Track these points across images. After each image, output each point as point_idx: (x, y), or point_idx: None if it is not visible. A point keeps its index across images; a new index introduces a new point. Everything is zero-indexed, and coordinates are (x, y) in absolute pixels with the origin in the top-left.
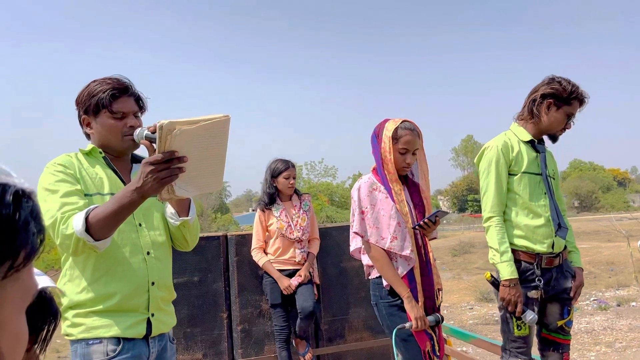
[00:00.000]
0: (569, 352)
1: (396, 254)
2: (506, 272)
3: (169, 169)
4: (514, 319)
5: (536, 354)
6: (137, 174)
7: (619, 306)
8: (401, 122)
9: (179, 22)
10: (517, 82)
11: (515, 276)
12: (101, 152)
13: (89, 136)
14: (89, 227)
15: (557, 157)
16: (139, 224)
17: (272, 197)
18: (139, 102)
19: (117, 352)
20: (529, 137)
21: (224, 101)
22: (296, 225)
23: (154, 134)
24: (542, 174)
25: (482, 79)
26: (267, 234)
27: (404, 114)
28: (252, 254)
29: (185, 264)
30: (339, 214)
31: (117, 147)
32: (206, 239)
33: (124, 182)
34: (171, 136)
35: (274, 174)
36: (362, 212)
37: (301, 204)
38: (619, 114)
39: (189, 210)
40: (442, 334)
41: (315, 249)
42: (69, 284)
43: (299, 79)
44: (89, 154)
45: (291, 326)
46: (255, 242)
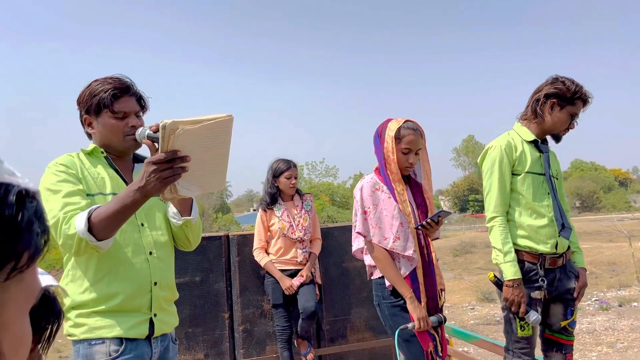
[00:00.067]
0: (572, 352)
1: (399, 254)
2: (509, 272)
3: (171, 169)
4: (517, 320)
5: (539, 354)
6: (139, 173)
7: (620, 306)
8: (404, 122)
9: (179, 22)
10: (518, 82)
11: (518, 276)
12: (103, 152)
13: (90, 136)
14: (91, 227)
15: (558, 157)
16: (142, 224)
17: (274, 197)
18: (141, 102)
19: (119, 352)
20: (532, 137)
21: (225, 101)
22: (298, 225)
23: (156, 133)
24: (546, 174)
25: (483, 79)
26: (268, 234)
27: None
28: (254, 254)
29: (186, 264)
30: (340, 214)
31: (119, 147)
32: (208, 239)
33: (126, 182)
34: (174, 136)
35: (276, 174)
36: (365, 212)
37: (303, 204)
38: (621, 114)
39: (191, 209)
40: (444, 334)
41: (317, 249)
42: (72, 284)
43: (300, 79)
44: (91, 154)
45: (293, 326)
46: (257, 242)
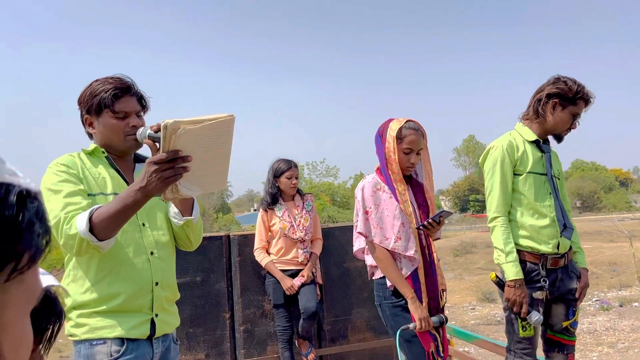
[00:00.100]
0: (573, 353)
1: (400, 254)
2: (511, 272)
3: (173, 169)
4: (519, 320)
5: (541, 355)
6: (140, 173)
7: (621, 307)
8: (405, 122)
9: (179, 22)
10: (518, 82)
11: (520, 277)
12: (104, 152)
13: (91, 136)
14: (92, 227)
15: (559, 157)
16: (143, 224)
17: (275, 197)
18: (142, 102)
19: (120, 352)
20: (534, 137)
21: (225, 101)
22: (299, 225)
23: (157, 133)
24: (547, 174)
25: (484, 79)
26: (269, 234)
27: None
28: (255, 254)
29: (187, 264)
30: (340, 214)
31: (120, 147)
32: (208, 239)
33: (127, 181)
34: (175, 135)
35: (277, 174)
36: (366, 212)
37: (304, 204)
38: (621, 114)
39: (192, 209)
40: (446, 334)
41: (318, 249)
42: (73, 284)
43: (300, 79)
44: (92, 154)
45: (294, 326)
46: (257, 242)
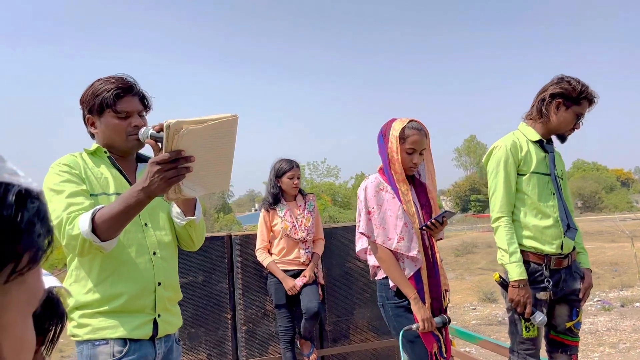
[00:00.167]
0: (577, 353)
1: (403, 254)
2: (515, 272)
3: (175, 169)
4: (523, 321)
5: (544, 355)
6: (143, 173)
7: (622, 307)
8: (408, 122)
9: (179, 22)
10: (519, 82)
11: (524, 277)
12: (106, 152)
13: (93, 136)
14: (95, 227)
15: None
16: (145, 224)
17: (277, 197)
18: (144, 101)
19: (123, 353)
20: (537, 136)
21: (225, 101)
22: (301, 225)
23: (159, 133)
24: (551, 174)
25: (485, 79)
26: (271, 234)
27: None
28: (257, 254)
29: (189, 264)
30: (341, 214)
31: (122, 147)
32: (210, 239)
33: (129, 181)
34: (178, 135)
35: (278, 174)
36: (369, 213)
37: (306, 204)
38: (623, 114)
39: (194, 209)
40: (448, 335)
41: (319, 249)
42: (75, 285)
43: (300, 79)
44: (94, 154)
45: (296, 327)
46: (259, 243)
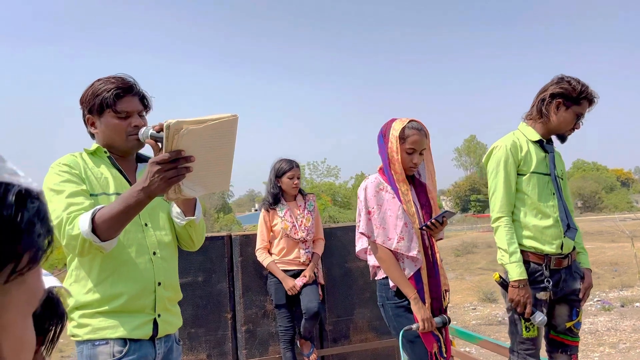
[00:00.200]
0: (577, 353)
1: (403, 254)
2: (515, 272)
3: (175, 169)
4: (523, 321)
5: (544, 355)
6: (143, 173)
7: (622, 307)
8: (408, 122)
9: (179, 22)
10: (520, 82)
11: (524, 277)
12: (106, 152)
13: (93, 136)
14: (95, 227)
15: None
16: (145, 224)
17: (277, 197)
18: (144, 101)
19: (123, 353)
20: (537, 136)
21: (225, 101)
22: (301, 225)
23: (159, 133)
24: (551, 174)
25: (485, 79)
26: (271, 234)
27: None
28: (257, 254)
29: (189, 264)
30: (341, 214)
31: (122, 147)
32: (210, 239)
33: (129, 181)
34: (178, 135)
35: (278, 174)
36: (369, 213)
37: (306, 204)
38: (623, 114)
39: (194, 209)
40: (449, 335)
41: (320, 249)
42: (75, 285)
43: (301, 79)
44: (94, 154)
45: (296, 327)
46: (259, 243)
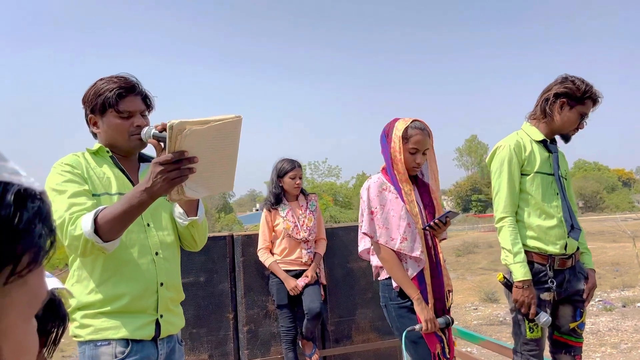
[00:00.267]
0: (581, 354)
1: (406, 255)
2: (519, 273)
3: (178, 170)
4: (527, 322)
5: (548, 356)
6: (145, 173)
7: (624, 307)
8: (411, 122)
9: (179, 22)
10: (521, 81)
11: (528, 277)
12: (108, 152)
13: (96, 135)
14: (97, 228)
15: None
16: (147, 224)
17: (279, 197)
18: (146, 101)
19: (125, 354)
20: (541, 136)
21: (226, 101)
22: (303, 225)
23: (161, 132)
24: (555, 174)
25: (486, 79)
26: (273, 234)
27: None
28: (259, 254)
29: (191, 264)
30: (342, 214)
31: (124, 147)
32: (212, 239)
33: (131, 181)
34: (181, 136)
35: (280, 174)
36: (372, 213)
37: (307, 204)
38: (624, 114)
39: (197, 210)
40: (452, 336)
41: (322, 249)
42: (77, 285)
43: (301, 79)
44: (96, 154)
45: (298, 327)
46: (261, 243)
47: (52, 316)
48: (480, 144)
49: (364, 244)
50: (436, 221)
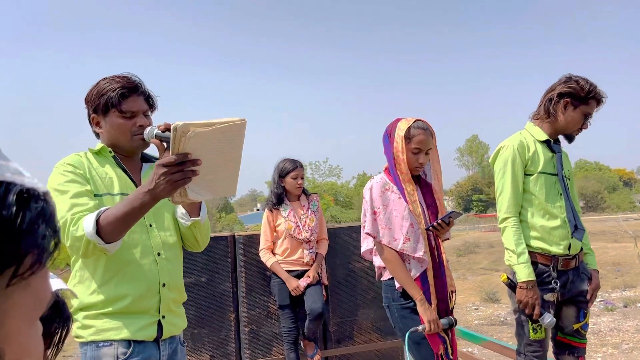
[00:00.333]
0: (584, 355)
1: (409, 255)
2: (523, 274)
3: (182, 172)
4: (530, 322)
5: (551, 357)
6: (148, 174)
7: (625, 307)
8: (414, 122)
9: (179, 22)
10: (521, 82)
11: (532, 278)
12: (111, 152)
13: (98, 135)
14: (99, 229)
15: None
16: (150, 225)
17: (280, 197)
18: (149, 101)
19: (127, 355)
20: (545, 136)
21: (226, 101)
22: (304, 225)
23: (164, 132)
24: (558, 174)
25: (486, 78)
26: (275, 234)
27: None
28: (260, 254)
29: (192, 265)
30: (343, 213)
31: (127, 147)
32: (214, 239)
33: (134, 181)
34: (185, 138)
35: (282, 174)
36: (374, 213)
37: (309, 204)
38: (625, 114)
39: (199, 210)
40: (455, 337)
41: (323, 249)
42: (79, 286)
43: (302, 79)
44: (99, 154)
45: (299, 327)
46: (263, 243)
47: (56, 317)
48: (481, 144)
49: (366, 244)
50: (439, 221)
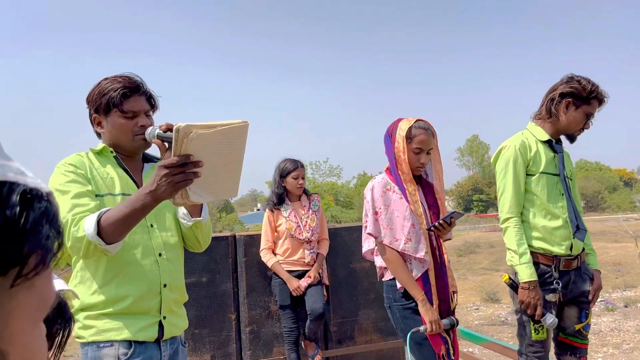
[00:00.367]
0: (586, 356)
1: (410, 256)
2: (525, 274)
3: (183, 173)
4: (532, 323)
5: (553, 358)
6: (149, 174)
7: (626, 307)
8: (415, 122)
9: (179, 22)
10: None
11: (534, 278)
12: (112, 152)
13: (99, 135)
14: (100, 230)
15: None
16: (151, 225)
17: (281, 198)
18: (151, 101)
19: (128, 355)
20: (546, 136)
21: (226, 101)
22: (305, 225)
23: (166, 132)
24: (560, 174)
25: (486, 78)
26: (276, 234)
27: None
28: (261, 254)
29: (193, 265)
30: (344, 213)
31: (128, 147)
32: (214, 239)
33: (135, 182)
34: (187, 139)
35: (283, 174)
36: (376, 213)
37: (310, 204)
38: (625, 114)
39: (201, 210)
40: (457, 337)
41: (324, 249)
42: (80, 286)
43: (303, 79)
44: (100, 154)
45: (300, 328)
46: (264, 243)
47: (58, 318)
48: (481, 144)
49: (368, 244)
50: (441, 222)
